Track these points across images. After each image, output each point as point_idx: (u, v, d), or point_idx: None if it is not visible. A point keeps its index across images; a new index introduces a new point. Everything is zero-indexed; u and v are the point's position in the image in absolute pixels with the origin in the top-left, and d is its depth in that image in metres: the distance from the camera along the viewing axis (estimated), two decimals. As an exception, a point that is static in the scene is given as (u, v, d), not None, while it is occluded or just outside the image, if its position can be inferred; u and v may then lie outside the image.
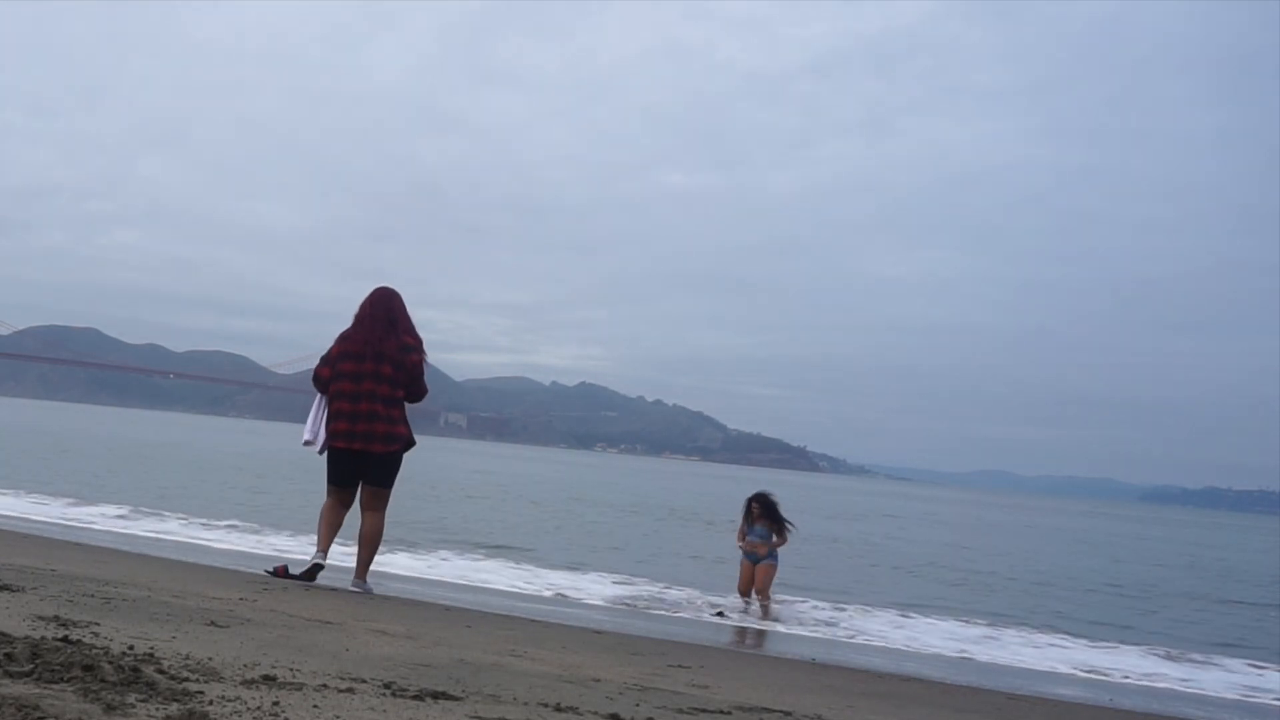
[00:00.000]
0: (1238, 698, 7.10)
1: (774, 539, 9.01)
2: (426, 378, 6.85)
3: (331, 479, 6.70)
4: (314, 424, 6.74)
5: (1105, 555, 25.77)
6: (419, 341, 6.68)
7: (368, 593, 6.70)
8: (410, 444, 6.75)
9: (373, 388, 6.49)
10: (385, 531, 6.88)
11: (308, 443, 6.81)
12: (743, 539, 9.15)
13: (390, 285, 6.80)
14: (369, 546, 6.72)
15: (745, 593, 9.06)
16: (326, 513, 6.78)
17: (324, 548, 6.78)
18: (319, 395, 6.76)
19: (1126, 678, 7.50)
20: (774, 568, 9.07)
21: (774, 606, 9.00)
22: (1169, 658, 8.43)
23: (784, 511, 9.16)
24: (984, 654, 7.98)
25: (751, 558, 9.12)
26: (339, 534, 6.89)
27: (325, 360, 6.72)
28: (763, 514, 9.06)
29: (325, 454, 6.73)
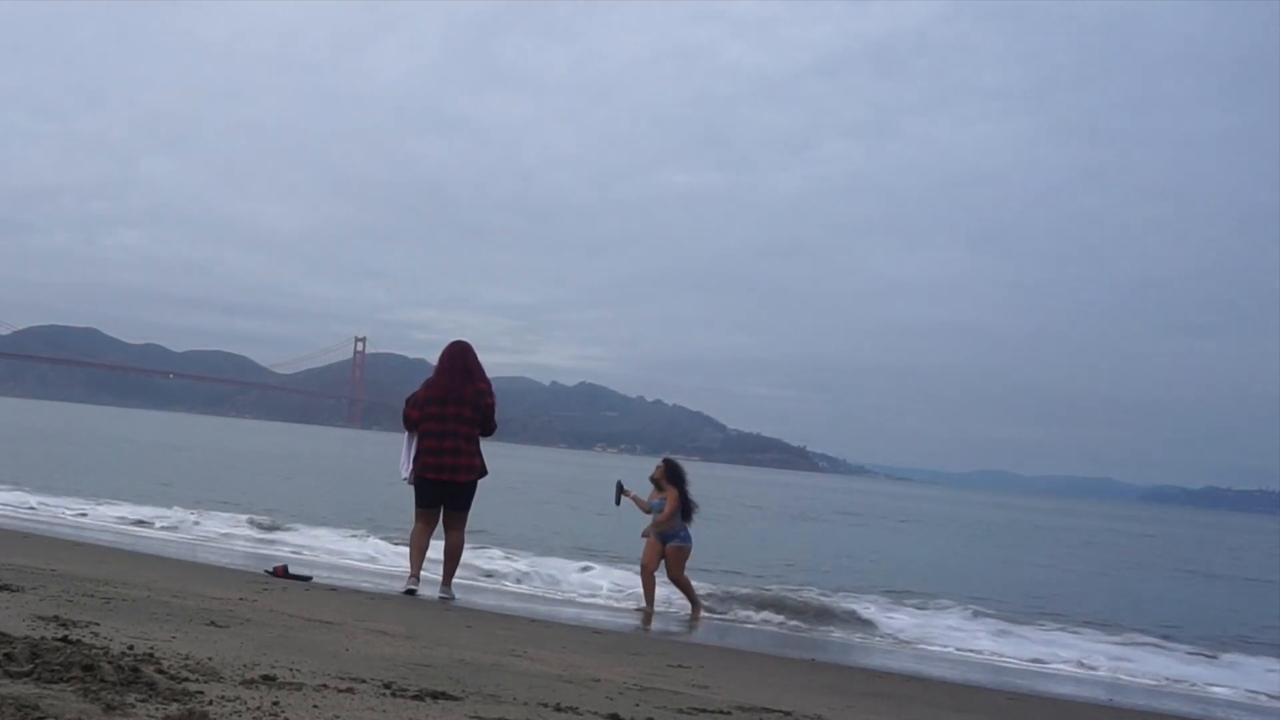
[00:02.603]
0: (1237, 696, 7.10)
1: (672, 513, 8.34)
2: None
3: (419, 504, 7.73)
4: (406, 460, 7.78)
5: (1105, 555, 25.79)
6: (489, 386, 7.87)
7: (453, 600, 7.50)
8: (484, 473, 7.81)
9: (455, 428, 7.64)
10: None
11: (405, 478, 7.82)
12: (647, 510, 8.61)
13: (464, 339, 7.96)
14: (453, 560, 7.74)
15: (648, 570, 8.45)
16: (416, 537, 7.75)
17: (416, 574, 7.66)
18: (408, 434, 7.85)
19: (1127, 677, 7.50)
20: (686, 550, 8.45)
21: (699, 596, 8.53)
22: (1169, 656, 8.41)
23: (691, 491, 8.56)
24: (983, 653, 7.98)
25: (660, 536, 8.45)
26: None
27: (413, 404, 7.83)
28: (667, 475, 8.52)
29: (413, 482, 7.73)
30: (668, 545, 8.45)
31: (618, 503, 8.92)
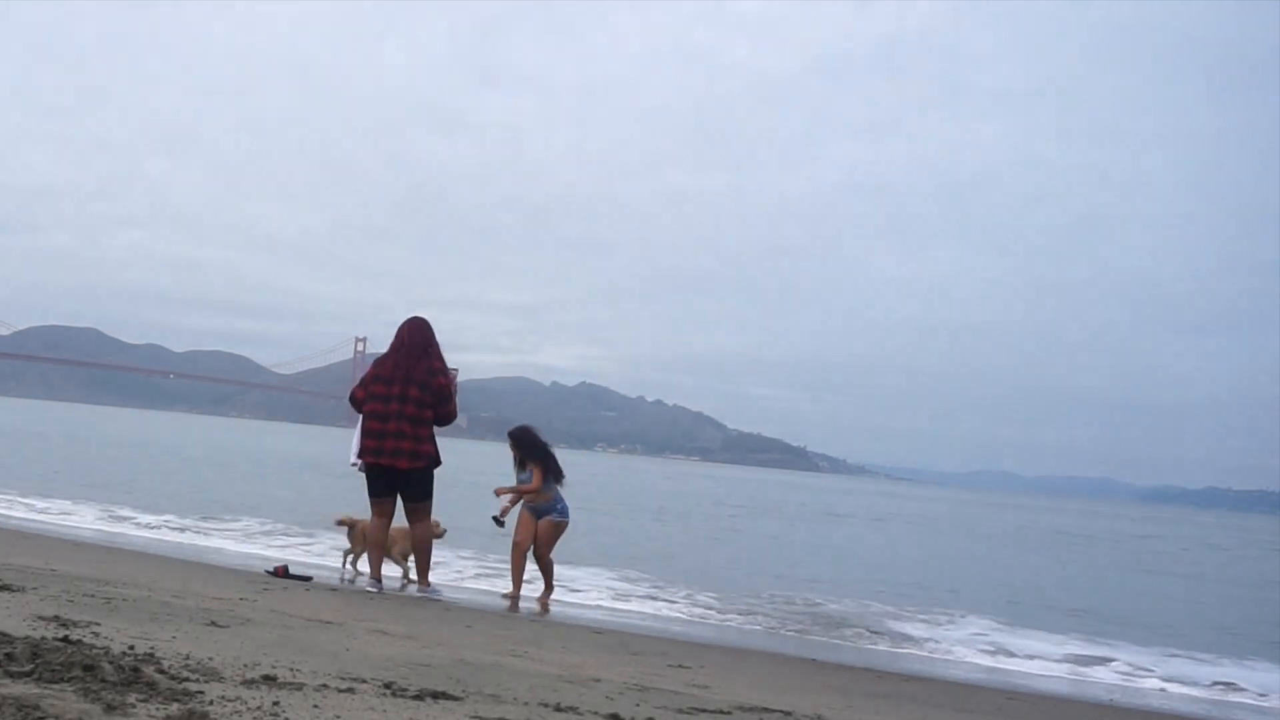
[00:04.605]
0: (1236, 698, 7.10)
1: (545, 485, 7.73)
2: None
3: (369, 492, 7.28)
4: (357, 445, 7.28)
5: (1103, 555, 25.78)
6: (445, 365, 7.28)
7: (436, 596, 7.21)
8: (437, 462, 7.24)
9: (400, 408, 7.06)
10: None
11: (354, 464, 7.34)
12: (516, 485, 7.92)
13: (422, 315, 7.37)
14: (423, 555, 7.32)
15: (522, 549, 7.80)
16: (372, 532, 7.36)
17: (377, 575, 7.34)
18: (360, 417, 7.29)
19: (1127, 677, 7.49)
20: (563, 526, 7.83)
21: (555, 581, 7.96)
22: (1169, 657, 8.41)
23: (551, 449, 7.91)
24: (984, 653, 7.98)
25: (534, 511, 7.80)
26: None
27: (361, 383, 7.30)
28: (519, 450, 7.85)
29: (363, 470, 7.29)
30: (542, 520, 7.81)
31: (502, 524, 7.92)
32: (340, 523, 8.38)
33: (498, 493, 7.91)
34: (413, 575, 8.01)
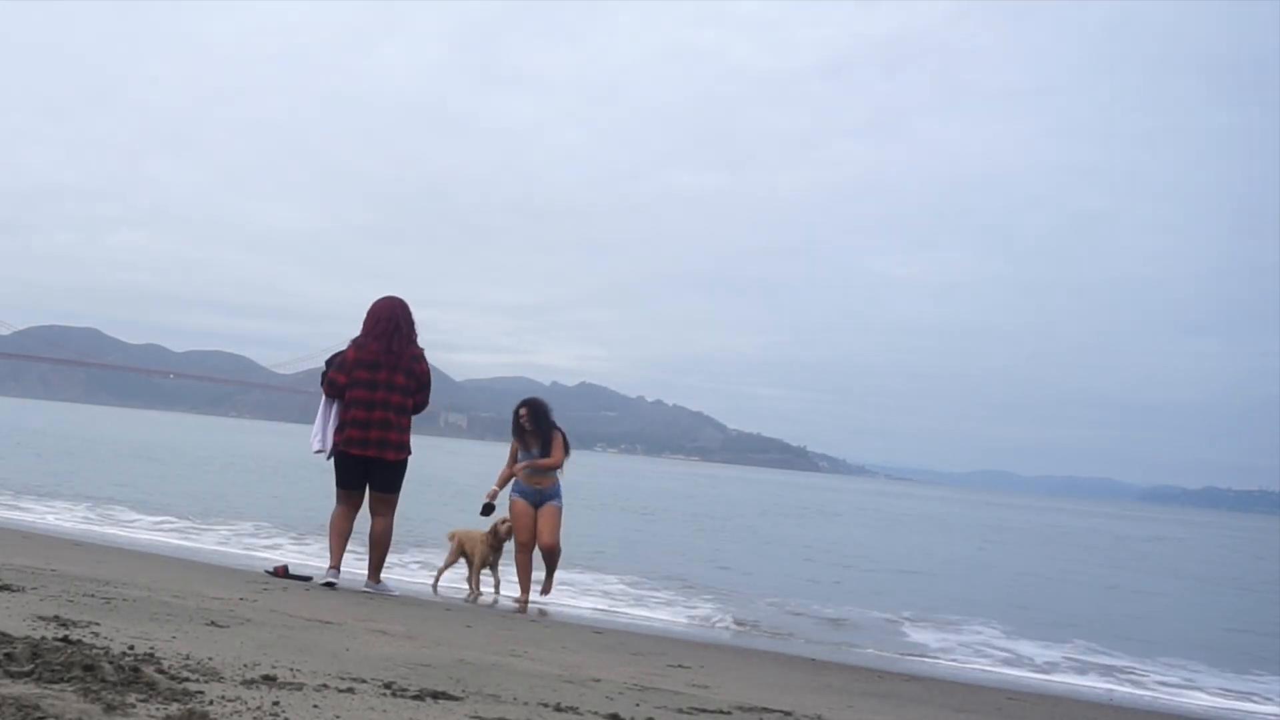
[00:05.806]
0: (1238, 702, 7.09)
1: (561, 458, 7.30)
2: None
3: (341, 483, 6.87)
4: (322, 431, 6.84)
5: (1103, 556, 25.78)
6: (423, 352, 6.87)
7: (384, 594, 6.86)
8: (410, 452, 6.92)
9: (386, 397, 6.67)
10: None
11: (319, 451, 6.91)
12: (514, 464, 7.46)
13: (397, 295, 6.93)
14: (379, 549, 6.93)
15: (528, 544, 7.28)
16: (338, 520, 6.93)
17: (337, 564, 6.94)
18: (324, 400, 6.87)
19: (1126, 677, 7.49)
20: (560, 510, 7.38)
21: (559, 573, 7.52)
22: (1169, 658, 8.42)
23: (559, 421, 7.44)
24: (984, 654, 7.97)
25: (531, 496, 7.31)
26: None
27: (340, 367, 6.81)
28: (533, 422, 7.37)
29: (333, 459, 6.88)
30: (544, 506, 7.31)
31: (493, 509, 7.60)
32: (453, 538, 7.91)
33: (516, 472, 7.49)
34: (503, 590, 7.81)
